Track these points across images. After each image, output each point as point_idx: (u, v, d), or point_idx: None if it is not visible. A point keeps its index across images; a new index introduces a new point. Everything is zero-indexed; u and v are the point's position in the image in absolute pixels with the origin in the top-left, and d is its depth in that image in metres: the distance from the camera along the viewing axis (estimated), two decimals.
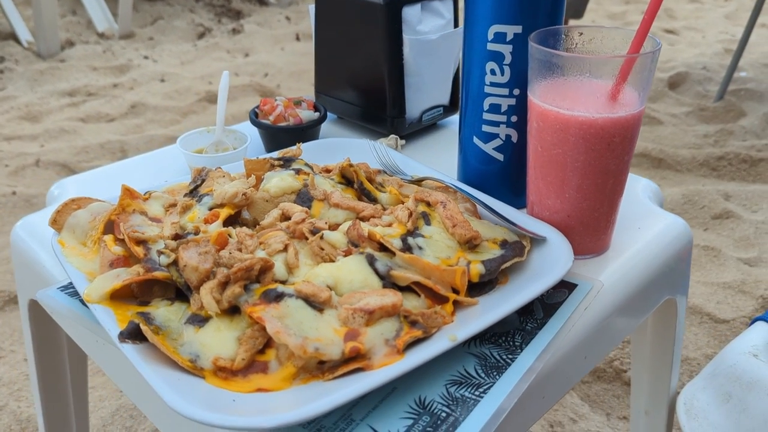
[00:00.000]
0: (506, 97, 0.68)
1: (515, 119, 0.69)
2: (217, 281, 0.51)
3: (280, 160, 0.70)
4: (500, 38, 0.66)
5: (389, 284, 0.54)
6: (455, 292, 0.55)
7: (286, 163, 0.69)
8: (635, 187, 0.79)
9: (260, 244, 0.57)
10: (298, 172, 0.67)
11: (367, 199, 0.67)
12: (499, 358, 0.52)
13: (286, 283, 0.53)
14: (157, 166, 0.87)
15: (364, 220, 0.62)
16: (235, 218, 0.64)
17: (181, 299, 0.54)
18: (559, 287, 0.59)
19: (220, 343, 0.49)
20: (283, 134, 0.86)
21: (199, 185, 0.67)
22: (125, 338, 0.49)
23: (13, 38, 3.25)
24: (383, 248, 0.56)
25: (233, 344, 0.49)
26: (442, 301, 0.54)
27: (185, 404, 0.43)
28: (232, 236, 0.58)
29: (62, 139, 2.36)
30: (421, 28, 0.88)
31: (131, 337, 0.49)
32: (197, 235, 0.59)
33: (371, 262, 0.54)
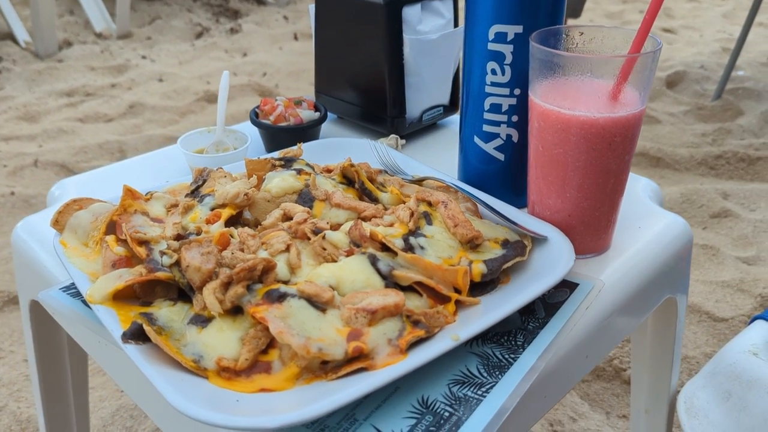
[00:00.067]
0: (507, 96, 0.68)
1: (516, 119, 0.69)
2: (219, 281, 0.51)
3: (281, 160, 0.70)
4: (501, 38, 0.66)
5: (391, 284, 0.54)
6: (457, 291, 0.55)
7: (287, 163, 0.69)
8: (635, 186, 0.79)
9: (262, 244, 0.57)
10: (299, 172, 0.67)
11: (368, 199, 0.67)
12: (501, 357, 0.52)
13: (288, 283, 0.53)
14: (157, 166, 0.87)
15: (365, 220, 0.62)
16: (236, 218, 0.64)
17: (183, 300, 0.54)
18: (560, 286, 0.59)
19: (223, 343, 0.49)
20: (283, 134, 0.86)
21: (200, 185, 0.67)
22: (128, 339, 0.49)
23: (10, 38, 3.24)
24: (385, 248, 0.56)
25: (236, 344, 0.49)
26: (444, 300, 0.54)
27: (189, 405, 0.43)
28: (234, 236, 0.58)
29: (60, 139, 2.35)
30: (421, 27, 0.88)
31: (134, 337, 0.49)
32: (199, 235, 0.59)
33: (373, 262, 0.54)
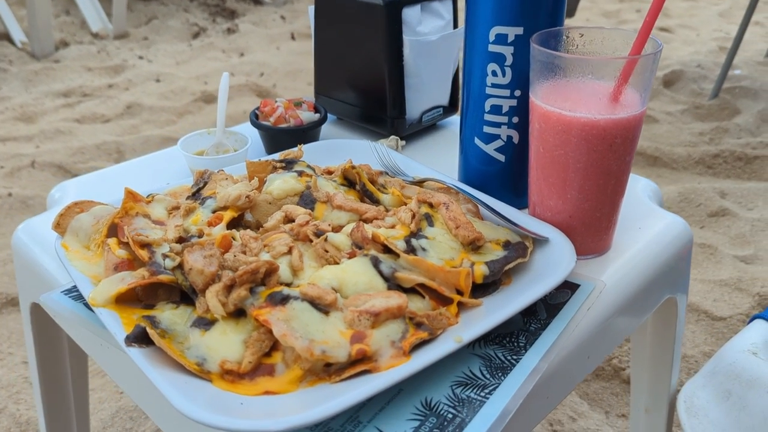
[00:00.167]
0: (507, 98, 0.68)
1: (516, 120, 0.69)
2: (222, 284, 0.51)
3: (282, 162, 0.70)
4: (501, 40, 0.66)
5: (394, 286, 0.54)
6: (459, 293, 0.55)
7: (288, 165, 0.69)
8: (635, 186, 0.79)
9: (264, 246, 0.57)
10: (300, 174, 0.67)
11: (369, 200, 0.67)
12: (503, 358, 0.52)
13: (291, 285, 0.53)
14: (157, 168, 0.87)
15: (367, 221, 0.62)
16: (237, 221, 0.64)
17: (186, 302, 0.54)
18: (561, 287, 0.59)
19: (226, 346, 0.49)
20: (283, 136, 0.86)
21: (201, 188, 0.67)
22: (132, 342, 0.49)
23: (6, 39, 3.23)
24: (387, 250, 0.56)
25: (240, 347, 0.49)
26: (446, 302, 0.54)
27: (194, 407, 0.43)
28: (236, 239, 0.58)
29: (58, 140, 2.35)
30: (420, 29, 0.88)
31: (137, 340, 0.49)
32: (201, 238, 0.59)
33: (376, 264, 0.54)
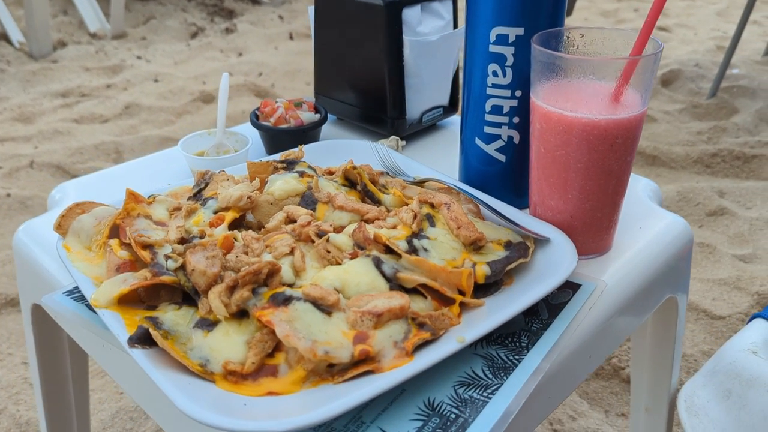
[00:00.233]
0: (508, 98, 0.68)
1: (517, 120, 0.69)
2: (225, 285, 0.51)
3: (283, 162, 0.70)
4: (502, 40, 0.66)
5: (396, 286, 0.54)
6: (461, 293, 0.55)
7: (289, 165, 0.69)
8: (636, 186, 0.79)
9: (266, 247, 0.57)
10: (301, 174, 0.67)
11: (370, 201, 0.67)
12: (505, 359, 0.52)
13: (293, 286, 0.53)
14: (157, 168, 0.87)
15: (368, 222, 0.62)
16: (239, 222, 0.64)
17: (188, 303, 0.54)
18: (563, 287, 0.59)
19: (229, 347, 0.49)
20: (284, 136, 0.86)
21: (202, 188, 0.67)
22: (135, 343, 0.49)
23: (4, 39, 3.22)
24: (389, 250, 0.56)
25: (242, 348, 0.49)
26: (448, 302, 0.54)
27: (197, 409, 0.43)
28: (237, 240, 0.58)
29: (56, 140, 2.35)
30: (421, 29, 0.88)
31: (140, 342, 0.49)
32: (203, 238, 0.59)
33: (378, 264, 0.55)
